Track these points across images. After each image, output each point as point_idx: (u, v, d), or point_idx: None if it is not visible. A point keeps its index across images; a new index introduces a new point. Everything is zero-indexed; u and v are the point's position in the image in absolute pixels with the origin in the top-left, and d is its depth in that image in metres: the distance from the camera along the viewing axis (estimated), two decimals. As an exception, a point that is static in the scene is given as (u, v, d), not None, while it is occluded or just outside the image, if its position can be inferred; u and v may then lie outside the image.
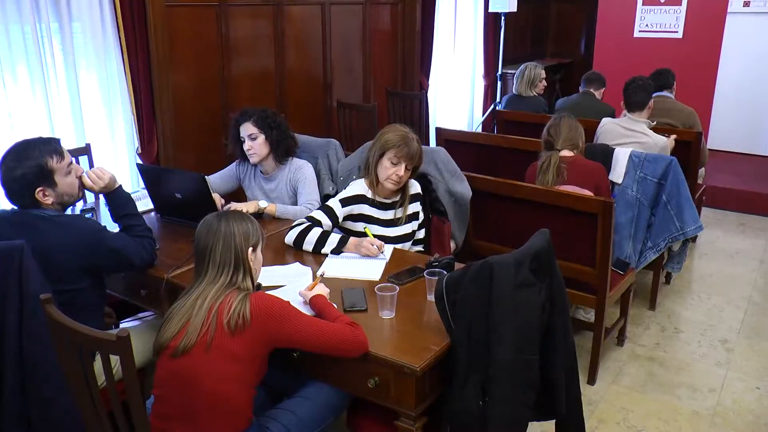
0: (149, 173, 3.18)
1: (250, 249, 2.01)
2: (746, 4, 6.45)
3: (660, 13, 6.48)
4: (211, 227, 2.00)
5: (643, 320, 3.92)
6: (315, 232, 2.70)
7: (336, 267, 2.56)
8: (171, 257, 2.62)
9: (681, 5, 6.38)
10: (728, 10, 6.21)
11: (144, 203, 3.18)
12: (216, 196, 2.97)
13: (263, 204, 3.09)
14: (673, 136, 4.14)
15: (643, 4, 6.53)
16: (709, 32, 6.23)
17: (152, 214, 3.20)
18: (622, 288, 3.40)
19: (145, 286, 2.64)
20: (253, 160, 3.24)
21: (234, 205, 3.00)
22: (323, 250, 2.68)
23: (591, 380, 3.29)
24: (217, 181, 3.37)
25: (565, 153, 3.37)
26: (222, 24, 4.08)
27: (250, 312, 1.89)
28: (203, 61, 4.04)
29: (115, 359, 1.91)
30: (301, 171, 3.24)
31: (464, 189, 3.17)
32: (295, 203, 3.23)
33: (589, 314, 3.56)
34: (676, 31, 6.43)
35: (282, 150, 3.22)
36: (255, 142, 3.17)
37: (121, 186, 2.52)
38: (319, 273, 2.45)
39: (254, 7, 4.30)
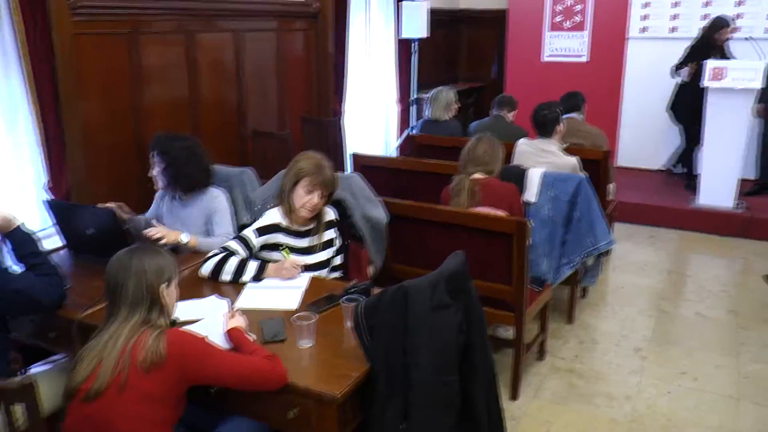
0: (58, 209, 3.08)
1: (164, 285, 1.97)
2: (643, 30, 6.80)
3: (566, 38, 6.77)
4: (123, 263, 1.94)
5: (561, 334, 4.03)
6: (233, 261, 2.67)
7: (253, 298, 2.54)
8: (83, 296, 2.53)
9: (585, 31, 6.68)
10: (628, 36, 6.54)
11: (54, 240, 3.07)
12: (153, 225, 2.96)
13: (184, 239, 3.04)
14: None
15: (550, 30, 6.81)
16: (612, 56, 6.54)
17: (63, 251, 3.10)
18: (540, 304, 3.49)
19: (54, 328, 2.54)
20: (157, 187, 3.21)
21: (156, 230, 2.95)
22: (242, 279, 2.66)
23: (513, 396, 3.35)
24: (152, 212, 3.34)
25: (477, 176, 3.44)
26: (133, 52, 4.01)
27: (165, 349, 1.85)
28: (114, 91, 3.95)
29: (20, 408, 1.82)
30: (217, 201, 3.20)
31: (380, 214, 3.20)
32: (206, 232, 3.18)
33: (509, 331, 3.62)
34: (582, 56, 6.72)
35: (184, 183, 3.16)
36: (155, 171, 3.14)
37: (20, 225, 2.43)
38: (235, 307, 2.42)
39: (165, 35, 4.24)
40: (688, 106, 6.22)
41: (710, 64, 5.58)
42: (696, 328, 4.14)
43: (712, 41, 6.02)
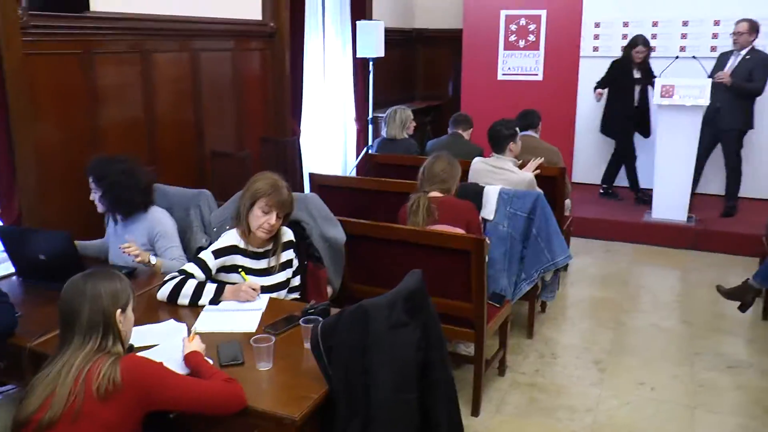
0: (8, 235, 3.02)
1: (120, 310, 1.92)
2: (595, 49, 6.98)
3: (521, 57, 6.88)
4: (77, 289, 1.90)
5: (522, 349, 4.06)
6: (190, 285, 2.64)
7: (211, 321, 2.51)
8: (35, 323, 2.46)
9: (539, 50, 6.81)
10: (581, 54, 6.69)
11: (4, 267, 3.00)
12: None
13: (153, 260, 3.00)
14: (539, 160, 4.37)
15: (505, 48, 6.91)
16: (566, 74, 6.67)
17: (13, 278, 3.03)
18: (500, 320, 3.52)
19: (3, 357, 2.46)
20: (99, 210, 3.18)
21: (134, 247, 2.93)
22: (200, 302, 2.63)
23: (475, 412, 3.36)
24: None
25: (434, 194, 3.47)
26: (87, 72, 3.95)
27: (120, 376, 1.81)
28: (68, 112, 3.88)
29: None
30: (161, 224, 3.16)
31: (338, 233, 3.20)
32: (151, 252, 3.13)
33: (469, 348, 3.65)
34: (537, 74, 6.85)
35: (123, 208, 3.14)
36: (95, 196, 3.11)
37: None
38: (192, 330, 2.40)
39: (120, 55, 4.19)
40: (618, 122, 6.43)
41: (659, 82, 5.74)
42: (652, 339, 4.22)
43: (630, 58, 6.29)
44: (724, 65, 5.99)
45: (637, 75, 6.34)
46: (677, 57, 6.23)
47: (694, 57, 6.09)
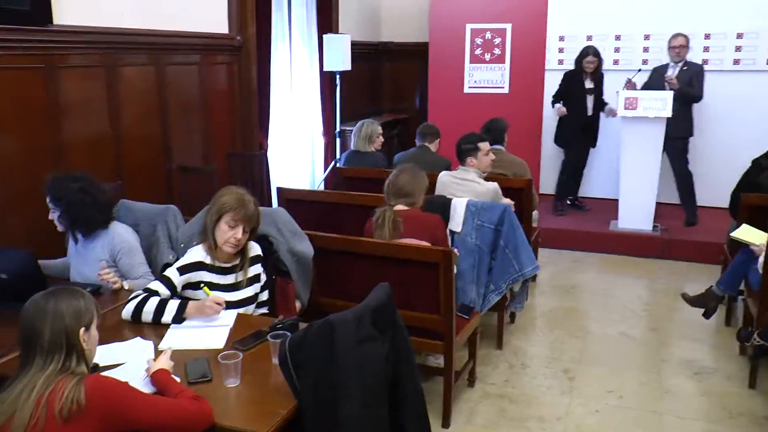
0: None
1: (83, 329, 1.89)
2: (560, 62, 7.08)
3: (487, 70, 6.95)
4: (39, 308, 1.85)
5: (491, 360, 4.08)
6: (152, 302, 2.61)
7: (178, 338, 2.49)
8: (-6, 345, 2.42)
9: (505, 63, 6.89)
10: (546, 67, 6.79)
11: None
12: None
13: (126, 285, 2.98)
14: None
15: (471, 62, 6.98)
16: (532, 87, 6.76)
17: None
18: (469, 331, 3.53)
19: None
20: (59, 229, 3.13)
21: (111, 275, 2.92)
22: (163, 320, 2.59)
23: (445, 423, 3.36)
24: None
25: (400, 207, 3.47)
26: (51, 87, 3.90)
27: (84, 397, 1.78)
28: (31, 127, 3.82)
29: None
30: (123, 240, 3.13)
31: (306, 248, 3.19)
32: (114, 269, 3.10)
33: (439, 359, 3.65)
34: (503, 87, 6.92)
35: (83, 226, 3.09)
36: (54, 215, 3.06)
37: None
38: (161, 348, 2.36)
39: (85, 69, 4.14)
40: (571, 132, 6.56)
41: (623, 95, 5.85)
42: (621, 347, 4.27)
43: (582, 69, 6.42)
44: (662, 78, 6.16)
45: (589, 85, 6.44)
46: (640, 70, 6.37)
47: (639, 70, 6.30)
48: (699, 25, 6.75)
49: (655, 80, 6.19)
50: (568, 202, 6.99)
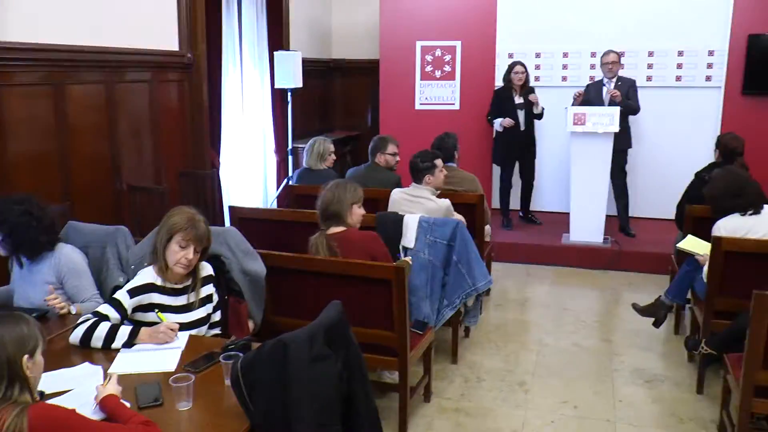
0: None
1: (26, 356, 1.83)
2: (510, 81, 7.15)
3: (437, 87, 7.04)
4: None
5: (447, 374, 4.09)
6: (103, 327, 2.55)
7: (128, 362, 2.44)
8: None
9: (455, 80, 6.99)
10: (496, 84, 6.91)
11: None
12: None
13: (73, 310, 2.91)
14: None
15: (421, 79, 7.06)
16: (482, 104, 6.86)
17: None
18: (423, 346, 3.54)
19: None
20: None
21: (58, 300, 2.87)
22: (114, 345, 2.54)
23: (402, 439, 3.36)
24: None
25: (333, 230, 3.42)
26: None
27: (28, 426, 1.73)
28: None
29: None
30: (70, 262, 3.07)
31: (258, 267, 3.18)
32: (62, 292, 3.04)
33: (394, 375, 3.65)
34: (453, 104, 7.02)
35: (28, 250, 3.03)
36: None
37: None
38: (109, 373, 2.32)
39: (31, 87, 4.06)
40: (504, 149, 6.65)
41: (571, 111, 5.97)
42: (574, 358, 4.33)
43: (511, 83, 6.52)
44: (599, 94, 6.35)
45: (519, 100, 6.53)
46: (587, 86, 6.52)
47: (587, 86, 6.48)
48: (643, 43, 6.98)
49: (592, 96, 6.35)
50: (521, 215, 7.06)
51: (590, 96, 6.35)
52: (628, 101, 6.17)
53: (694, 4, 6.80)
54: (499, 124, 6.50)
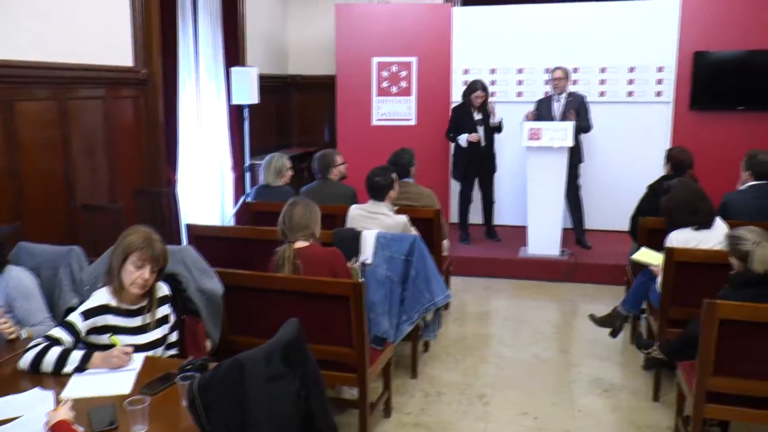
0: None
1: None
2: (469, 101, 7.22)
3: (394, 102, 7.11)
4: None
5: (407, 389, 4.10)
6: (54, 352, 2.49)
7: (82, 386, 2.38)
8: None
9: (411, 96, 7.06)
10: (452, 100, 6.99)
11: None
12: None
13: (24, 334, 2.83)
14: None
15: (378, 94, 7.12)
16: (438, 119, 6.95)
17: None
18: (383, 362, 3.55)
19: None
20: None
21: (8, 324, 2.77)
22: (65, 370, 2.47)
23: (363, 456, 3.35)
24: None
25: (300, 244, 3.42)
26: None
27: None
28: None
29: None
30: (19, 284, 2.99)
31: (215, 285, 3.14)
32: (11, 316, 2.95)
33: (353, 391, 3.64)
34: (410, 119, 7.09)
35: None
36: None
37: None
38: (62, 397, 2.27)
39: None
40: (463, 164, 6.72)
41: (526, 126, 6.07)
42: (533, 370, 4.38)
43: (468, 102, 6.58)
44: (549, 109, 6.48)
45: (478, 116, 6.59)
46: (537, 102, 6.63)
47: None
48: (595, 60, 7.14)
49: (542, 112, 6.47)
50: (486, 231, 7.10)
51: (541, 112, 6.46)
52: (580, 122, 6.27)
53: (643, 23, 6.98)
54: (464, 140, 6.51)
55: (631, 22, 7.02)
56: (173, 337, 2.89)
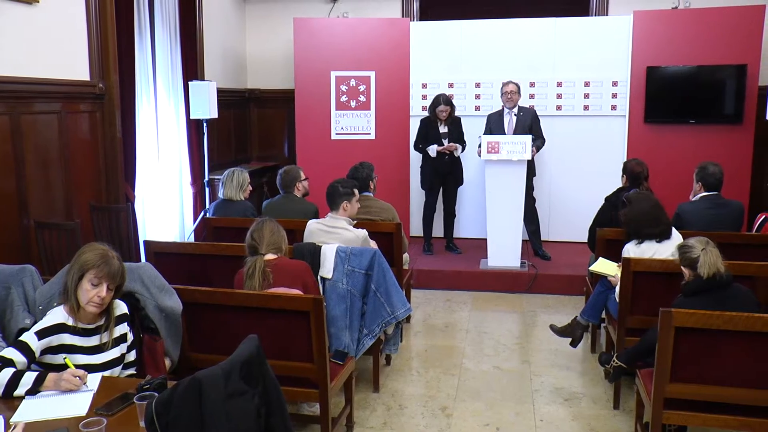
0: None
1: None
2: (424, 108, 7.23)
3: (353, 117, 7.13)
4: None
5: (369, 403, 4.09)
6: (5, 374, 2.42)
7: (35, 409, 2.33)
8: None
9: (370, 110, 7.10)
10: (411, 113, 7.05)
11: None
12: None
13: None
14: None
15: (337, 108, 7.13)
16: (398, 133, 7.00)
17: None
18: (344, 377, 3.54)
19: None
20: None
21: None
22: (16, 393, 2.41)
23: (325, 472, 3.33)
24: None
25: (270, 256, 3.45)
26: None
27: None
28: None
29: None
30: None
31: (174, 303, 3.11)
32: None
33: (313, 407, 3.63)
34: (369, 133, 7.12)
35: None
36: None
37: None
38: (13, 421, 2.21)
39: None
40: (429, 176, 6.82)
41: (485, 139, 6.14)
42: (495, 381, 4.41)
43: (434, 116, 6.69)
44: (500, 124, 6.57)
45: (444, 129, 6.69)
46: (488, 117, 6.71)
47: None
48: (552, 74, 7.28)
49: (493, 126, 6.56)
50: (446, 244, 7.14)
51: (491, 126, 6.55)
52: (536, 139, 6.38)
53: (597, 38, 7.16)
54: (434, 150, 6.60)
55: (585, 38, 7.18)
56: (131, 356, 2.85)
